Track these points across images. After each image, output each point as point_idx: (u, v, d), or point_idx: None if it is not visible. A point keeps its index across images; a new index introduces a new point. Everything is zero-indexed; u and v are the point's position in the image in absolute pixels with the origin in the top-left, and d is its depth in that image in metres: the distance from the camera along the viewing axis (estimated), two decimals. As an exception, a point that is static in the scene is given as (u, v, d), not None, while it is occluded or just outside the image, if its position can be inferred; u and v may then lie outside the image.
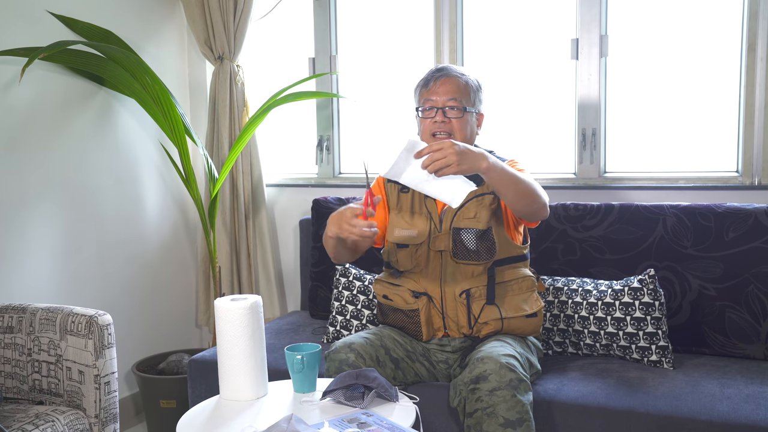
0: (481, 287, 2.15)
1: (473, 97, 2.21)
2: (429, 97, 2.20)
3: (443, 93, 2.18)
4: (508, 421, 1.85)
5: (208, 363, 2.52)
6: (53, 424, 2.04)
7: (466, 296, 2.14)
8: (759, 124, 2.61)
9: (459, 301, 2.15)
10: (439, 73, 2.21)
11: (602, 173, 2.87)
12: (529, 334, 2.21)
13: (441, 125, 2.17)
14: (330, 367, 2.07)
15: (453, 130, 2.17)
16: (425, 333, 2.20)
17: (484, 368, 1.90)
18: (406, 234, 2.21)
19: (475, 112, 2.22)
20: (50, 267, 2.81)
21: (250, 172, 3.28)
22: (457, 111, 2.17)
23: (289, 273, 3.44)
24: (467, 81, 2.21)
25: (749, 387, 2.10)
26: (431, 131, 2.19)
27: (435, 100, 2.18)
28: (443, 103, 2.17)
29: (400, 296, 2.22)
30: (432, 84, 2.20)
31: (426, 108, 2.20)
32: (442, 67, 2.24)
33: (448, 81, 2.19)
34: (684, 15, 2.74)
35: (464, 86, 2.19)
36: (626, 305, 2.32)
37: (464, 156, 1.83)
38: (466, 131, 2.19)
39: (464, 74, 2.22)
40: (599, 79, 2.82)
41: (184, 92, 3.47)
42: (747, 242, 2.37)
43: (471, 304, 2.15)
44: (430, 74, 2.23)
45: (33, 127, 2.73)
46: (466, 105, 2.18)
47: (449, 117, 2.17)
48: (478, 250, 2.13)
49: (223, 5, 3.17)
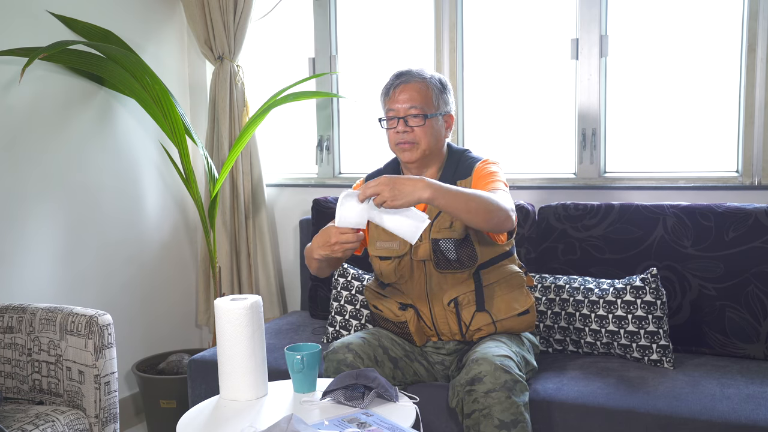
0: (469, 293, 2.12)
1: (436, 100, 2.13)
2: (390, 106, 2.14)
3: (403, 101, 2.11)
4: (503, 423, 1.85)
5: (208, 363, 2.52)
6: (53, 424, 2.04)
7: (454, 305, 2.12)
8: (759, 124, 2.61)
9: (448, 310, 2.13)
10: (398, 80, 2.14)
11: (602, 173, 2.87)
12: (523, 331, 2.20)
13: (404, 135, 2.11)
14: (328, 367, 2.06)
15: (417, 139, 2.10)
16: (418, 341, 2.20)
17: (479, 370, 1.90)
18: (387, 246, 2.17)
19: (441, 115, 2.15)
20: (50, 267, 2.81)
21: (250, 172, 3.28)
22: (419, 119, 2.10)
23: (289, 273, 3.44)
24: (428, 85, 2.13)
25: (749, 387, 2.10)
26: (395, 141, 2.14)
27: (396, 109, 2.12)
28: (404, 112, 2.10)
29: (388, 308, 2.20)
30: (392, 92, 2.13)
31: (388, 118, 2.14)
32: (401, 73, 2.16)
33: (408, 88, 2.12)
34: (684, 15, 2.74)
35: (425, 91, 2.12)
36: (628, 303, 2.32)
37: (398, 190, 1.77)
38: (431, 138, 2.12)
39: (425, 77, 2.14)
40: (599, 79, 2.82)
41: (184, 92, 3.47)
42: (747, 242, 2.37)
43: (460, 312, 2.13)
44: (390, 82, 2.16)
45: (33, 127, 2.73)
46: (427, 111, 2.11)
47: (411, 126, 2.10)
48: (459, 259, 2.10)
49: (223, 5, 3.17)
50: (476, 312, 2.12)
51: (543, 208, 2.67)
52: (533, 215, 2.67)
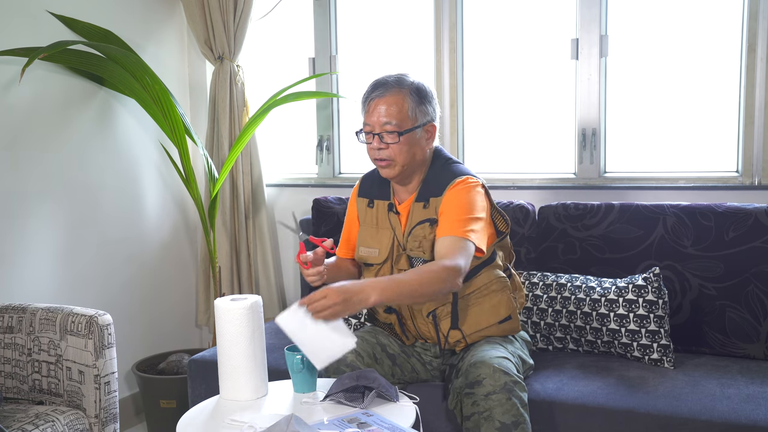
0: (447, 306, 2.09)
1: (413, 113, 2.03)
2: (366, 120, 2.06)
3: (379, 115, 2.02)
4: (504, 425, 1.84)
5: (208, 363, 2.52)
6: (53, 424, 2.04)
7: (432, 317, 2.11)
8: (759, 124, 2.61)
9: (428, 321, 2.13)
10: (374, 93, 2.04)
11: (602, 173, 2.87)
12: (508, 334, 2.17)
13: (379, 152, 2.04)
14: (329, 367, 2.06)
15: (392, 156, 2.03)
16: (405, 341, 2.21)
17: (478, 373, 1.89)
18: (368, 252, 2.16)
19: (420, 127, 2.05)
20: (50, 267, 2.81)
21: (250, 172, 3.28)
22: (393, 135, 2.01)
23: (289, 273, 3.43)
24: (404, 97, 2.02)
25: (749, 387, 2.10)
26: (372, 157, 2.08)
27: (372, 124, 2.04)
28: (380, 128, 2.02)
29: (376, 308, 2.22)
30: (368, 105, 2.05)
31: (365, 132, 2.07)
32: (377, 83, 2.06)
33: (383, 101, 2.02)
34: (684, 15, 2.74)
35: (401, 105, 2.02)
36: (630, 302, 2.32)
37: (348, 301, 1.74)
38: (407, 155, 2.03)
39: (402, 88, 2.03)
40: (599, 79, 2.82)
41: (184, 92, 3.47)
42: (747, 242, 2.37)
43: (438, 324, 2.12)
44: (367, 93, 2.07)
45: (33, 127, 2.73)
46: (403, 128, 2.01)
47: (386, 142, 2.02)
48: None
49: (223, 5, 3.17)
50: (450, 328, 2.11)
51: (543, 207, 2.67)
52: (533, 215, 2.67)
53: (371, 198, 2.20)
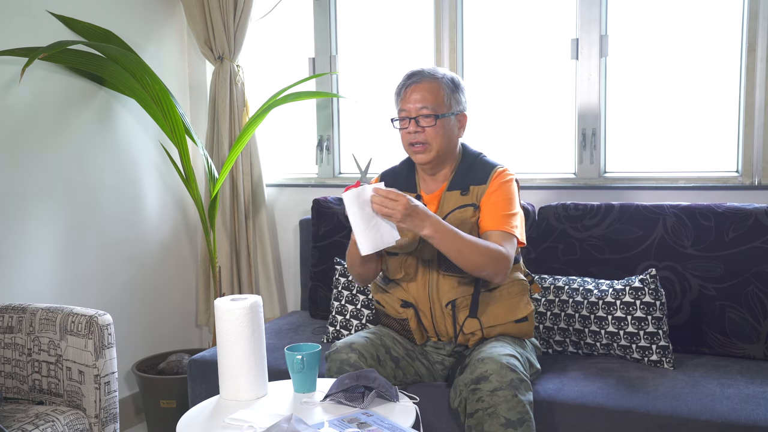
0: (467, 297, 2.12)
1: (448, 100, 2.12)
2: (402, 106, 2.13)
3: (415, 101, 2.10)
4: (509, 421, 1.85)
5: (208, 363, 2.52)
6: (53, 424, 2.04)
7: (452, 307, 2.13)
8: (759, 124, 2.61)
9: (446, 312, 2.14)
10: (410, 80, 2.13)
11: (602, 173, 2.87)
12: (521, 337, 2.19)
13: (416, 135, 2.11)
14: (331, 367, 2.06)
15: (428, 140, 2.10)
16: (417, 339, 2.21)
17: (485, 368, 1.90)
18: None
19: (453, 114, 2.14)
20: (50, 267, 2.81)
21: (250, 172, 3.28)
22: (430, 119, 2.09)
23: (289, 273, 3.44)
24: (440, 84, 2.12)
25: (749, 387, 2.10)
26: (408, 142, 2.14)
27: (408, 110, 2.11)
28: (416, 112, 2.10)
29: (390, 304, 2.22)
30: (404, 92, 2.13)
31: (400, 118, 2.14)
32: (413, 73, 2.15)
33: (419, 88, 2.11)
34: (684, 15, 2.74)
35: (437, 91, 2.11)
36: (627, 305, 2.32)
37: (410, 217, 1.87)
38: (443, 138, 2.11)
39: (437, 77, 2.13)
40: (599, 79, 2.82)
41: (184, 92, 3.47)
42: (747, 242, 2.37)
43: (457, 315, 2.13)
44: (402, 82, 2.16)
45: (33, 127, 2.73)
46: (439, 111, 2.10)
47: (422, 126, 2.10)
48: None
49: (223, 5, 3.17)
50: (468, 317, 2.12)
51: (543, 208, 2.67)
52: (533, 215, 2.67)
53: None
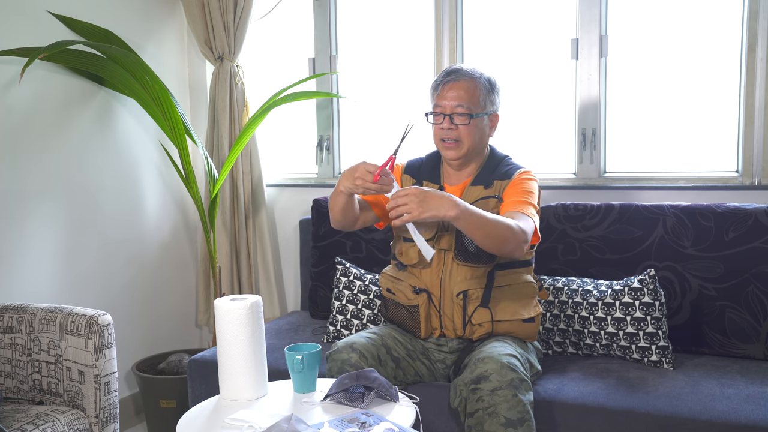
0: (479, 290, 2.15)
1: (483, 100, 2.18)
2: (438, 102, 2.19)
3: (451, 99, 2.16)
4: (509, 421, 1.85)
5: (208, 363, 2.52)
6: (53, 424, 2.04)
7: (463, 297, 2.14)
8: (759, 124, 2.61)
9: (456, 302, 2.15)
10: (448, 78, 2.18)
11: (602, 173, 2.87)
12: (525, 338, 2.21)
13: (448, 132, 2.17)
14: (332, 367, 2.06)
15: (460, 137, 2.16)
16: (423, 330, 2.21)
17: (485, 368, 1.90)
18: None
19: (487, 114, 2.20)
20: (50, 267, 2.81)
21: (250, 172, 3.28)
22: (464, 118, 2.15)
23: (289, 273, 3.44)
24: (477, 84, 2.17)
25: (749, 387, 2.10)
26: (440, 137, 2.20)
27: (443, 106, 2.17)
28: (451, 110, 2.16)
29: (402, 291, 2.23)
30: (441, 89, 2.18)
31: (435, 113, 2.20)
32: (452, 70, 2.20)
33: (457, 86, 2.16)
34: (684, 15, 2.74)
35: (473, 90, 2.16)
36: (626, 305, 2.32)
37: (426, 204, 1.86)
38: (475, 137, 2.18)
39: (475, 77, 2.18)
40: (599, 79, 2.82)
41: (184, 92, 3.47)
42: (747, 242, 2.37)
43: (467, 305, 2.15)
44: (441, 78, 2.20)
45: (33, 127, 2.73)
46: (474, 111, 2.15)
47: (456, 124, 2.16)
48: (478, 254, 2.12)
49: (223, 5, 3.17)
50: (479, 307, 2.13)
51: (543, 208, 2.67)
52: (533, 215, 2.67)
53: (419, 179, 2.29)
